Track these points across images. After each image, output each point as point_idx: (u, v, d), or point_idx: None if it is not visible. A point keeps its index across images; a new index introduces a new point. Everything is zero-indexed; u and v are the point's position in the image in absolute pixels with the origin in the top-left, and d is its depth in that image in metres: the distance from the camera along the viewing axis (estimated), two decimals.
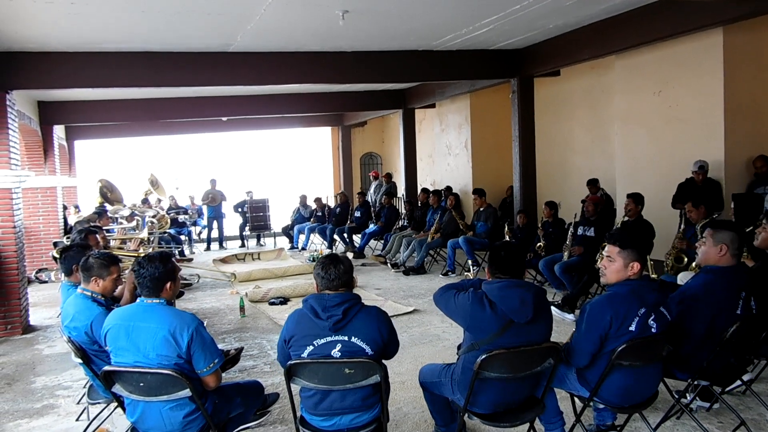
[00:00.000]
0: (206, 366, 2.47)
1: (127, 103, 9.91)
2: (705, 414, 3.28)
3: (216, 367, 2.50)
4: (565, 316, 5.41)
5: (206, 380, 2.50)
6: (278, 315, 5.95)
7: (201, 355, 2.45)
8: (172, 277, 2.57)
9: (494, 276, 2.60)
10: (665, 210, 6.46)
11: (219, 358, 2.53)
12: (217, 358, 2.51)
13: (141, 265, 2.54)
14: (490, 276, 2.63)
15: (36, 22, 4.99)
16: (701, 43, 6.38)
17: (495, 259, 2.62)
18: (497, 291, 2.49)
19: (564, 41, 6.69)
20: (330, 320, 2.37)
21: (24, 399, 4.02)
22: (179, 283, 2.73)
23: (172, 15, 5.06)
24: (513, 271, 2.57)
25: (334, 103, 11.08)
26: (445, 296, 2.67)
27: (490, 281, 2.59)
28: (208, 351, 2.48)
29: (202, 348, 2.45)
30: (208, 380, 2.51)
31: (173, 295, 2.64)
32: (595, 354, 2.62)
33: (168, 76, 6.55)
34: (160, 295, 2.53)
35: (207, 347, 2.47)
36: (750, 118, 6.41)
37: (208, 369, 2.47)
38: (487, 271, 2.66)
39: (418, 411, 3.46)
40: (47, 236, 8.52)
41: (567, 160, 9.45)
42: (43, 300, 7.22)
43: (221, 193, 12.01)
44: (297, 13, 5.27)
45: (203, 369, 2.47)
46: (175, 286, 2.62)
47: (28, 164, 8.66)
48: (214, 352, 2.51)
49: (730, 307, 2.87)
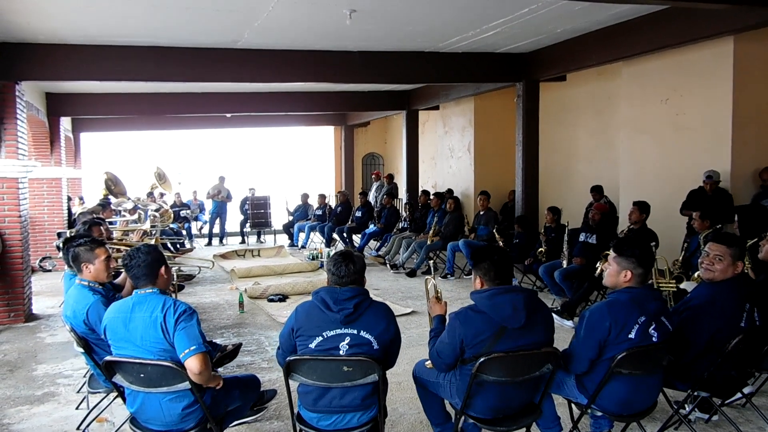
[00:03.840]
0: (184, 350, 2.35)
1: (134, 97, 9.95)
2: (704, 425, 3.27)
3: (194, 352, 2.35)
4: (564, 322, 5.41)
5: (188, 365, 2.35)
6: (277, 312, 5.96)
7: (182, 337, 2.36)
8: (163, 262, 2.60)
9: (486, 283, 2.53)
10: (670, 219, 6.44)
11: (198, 345, 2.38)
12: (195, 345, 2.36)
13: (131, 256, 2.55)
14: (482, 284, 2.55)
15: (47, 14, 5.02)
16: (711, 51, 6.36)
17: (483, 266, 2.53)
18: (487, 300, 2.45)
19: (571, 46, 6.68)
20: (341, 313, 2.40)
21: (25, 386, 4.05)
22: (171, 271, 2.75)
23: (181, 10, 5.08)
24: (502, 277, 2.51)
25: (338, 103, 11.10)
26: (432, 352, 2.62)
27: (477, 291, 2.54)
28: (189, 336, 2.37)
29: (185, 331, 2.38)
30: (190, 365, 2.35)
31: (168, 283, 2.63)
32: (594, 360, 2.61)
33: (175, 71, 6.58)
34: (155, 282, 2.54)
35: (189, 331, 2.38)
36: (759, 128, 6.39)
37: (186, 353, 2.35)
38: (479, 279, 2.57)
39: (414, 412, 3.47)
40: (51, 227, 8.57)
41: (570, 165, 9.44)
42: (46, 289, 7.25)
43: (228, 191, 12.04)
44: (304, 12, 5.28)
45: (182, 353, 2.35)
46: (168, 273, 2.63)
47: (34, 155, 8.70)
48: (195, 338, 2.39)
49: (734, 319, 2.85)
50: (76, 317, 3.01)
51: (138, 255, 2.54)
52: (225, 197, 11.97)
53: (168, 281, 2.64)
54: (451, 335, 2.49)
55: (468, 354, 2.47)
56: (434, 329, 2.82)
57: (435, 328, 2.82)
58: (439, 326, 2.81)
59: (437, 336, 2.71)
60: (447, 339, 2.52)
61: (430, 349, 2.69)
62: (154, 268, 2.54)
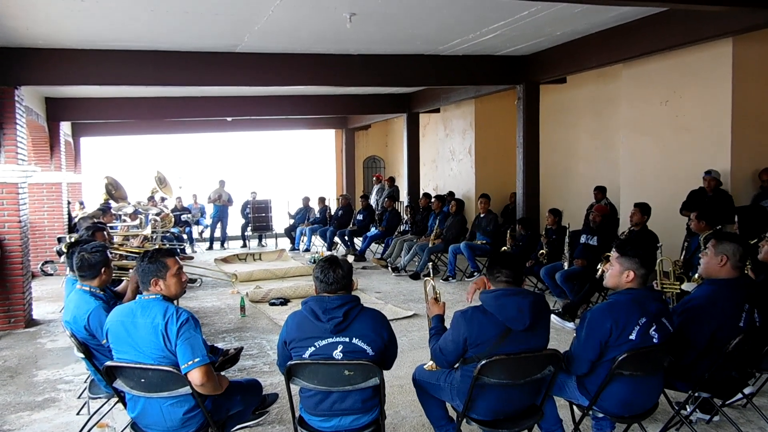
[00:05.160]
0: (187, 362, 2.35)
1: (134, 102, 9.96)
2: (705, 426, 3.27)
3: (197, 365, 2.35)
4: (565, 324, 5.40)
5: (191, 377, 2.35)
6: (278, 315, 5.96)
7: (185, 348, 2.36)
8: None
9: (495, 284, 2.59)
10: (670, 220, 6.44)
11: (202, 357, 2.37)
12: (199, 357, 2.36)
13: (142, 258, 2.61)
14: (490, 285, 2.62)
15: (46, 19, 5.03)
16: (710, 53, 6.37)
17: (494, 268, 2.60)
18: (493, 300, 2.48)
19: (571, 48, 6.70)
20: (331, 322, 2.38)
21: (26, 392, 4.04)
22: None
23: (181, 15, 5.09)
24: (513, 279, 2.56)
25: (339, 106, 11.11)
26: (435, 348, 2.63)
27: (486, 291, 2.58)
28: (193, 347, 2.37)
29: (188, 342, 2.37)
30: (193, 377, 2.35)
31: (173, 291, 2.59)
32: (595, 362, 2.61)
33: (175, 76, 6.59)
34: (158, 287, 2.52)
35: (192, 342, 2.38)
36: (758, 129, 6.39)
37: (188, 365, 2.34)
38: (486, 280, 2.65)
39: (416, 415, 3.46)
40: (51, 232, 8.57)
41: (571, 167, 9.44)
42: (47, 294, 7.25)
43: (229, 195, 12.05)
44: (304, 15, 5.29)
45: (184, 364, 2.35)
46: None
47: (34, 160, 8.71)
48: (198, 349, 2.38)
49: (733, 320, 2.85)
50: (76, 322, 3.01)
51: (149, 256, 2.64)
52: (226, 201, 11.98)
53: (174, 289, 2.59)
54: (455, 333, 2.50)
55: (471, 353, 2.47)
56: (434, 327, 2.83)
57: (434, 327, 2.83)
58: (439, 325, 2.83)
59: (438, 334, 2.72)
60: (450, 336, 2.53)
61: (432, 346, 2.69)
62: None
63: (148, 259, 2.56)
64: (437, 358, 2.63)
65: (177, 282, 2.59)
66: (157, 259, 2.55)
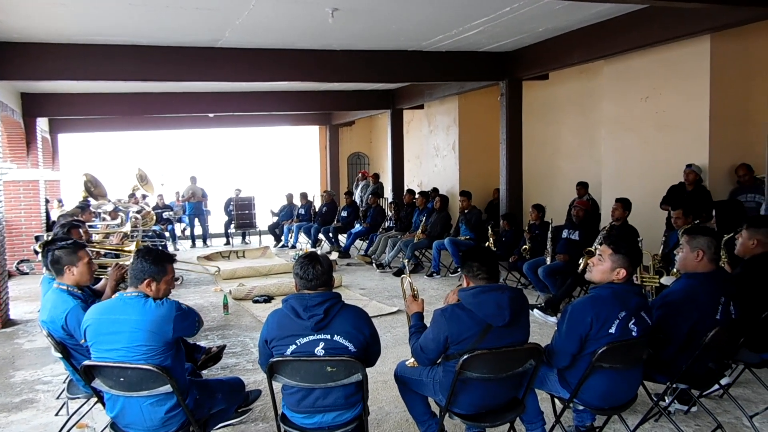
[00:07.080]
0: (194, 331, 2.64)
1: (113, 97, 9.79)
2: (683, 417, 3.33)
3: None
4: (548, 318, 5.45)
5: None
6: (262, 313, 5.92)
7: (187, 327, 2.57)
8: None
9: (473, 281, 2.58)
10: (651, 215, 6.53)
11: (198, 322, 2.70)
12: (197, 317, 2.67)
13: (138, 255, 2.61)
14: (470, 282, 2.60)
15: (21, 12, 4.91)
16: (689, 50, 6.46)
17: (469, 265, 2.58)
18: (471, 298, 2.48)
19: (553, 45, 6.74)
20: (312, 320, 2.36)
21: (3, 393, 3.97)
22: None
23: (161, 9, 5.01)
24: (489, 275, 2.55)
25: (323, 102, 11.05)
26: (415, 347, 2.64)
27: (464, 288, 2.58)
28: (190, 321, 2.58)
29: (184, 323, 2.53)
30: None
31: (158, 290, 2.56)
32: (576, 355, 2.64)
33: (155, 70, 6.48)
34: (150, 288, 2.51)
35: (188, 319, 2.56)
36: (735, 125, 6.50)
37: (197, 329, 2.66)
38: (466, 278, 2.63)
39: (399, 410, 3.47)
40: (29, 230, 8.40)
41: (554, 163, 9.52)
42: (24, 294, 7.10)
43: (202, 190, 11.92)
44: (286, 10, 5.25)
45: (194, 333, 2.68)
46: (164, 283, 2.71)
47: (10, 157, 8.51)
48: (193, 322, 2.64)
49: (711, 313, 2.89)
50: (53, 322, 2.95)
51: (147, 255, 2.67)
52: (201, 197, 11.84)
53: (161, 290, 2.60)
54: (435, 331, 2.50)
55: (452, 350, 2.47)
56: (414, 325, 2.83)
57: (414, 324, 2.83)
58: (418, 323, 2.82)
59: (418, 332, 2.72)
60: (431, 335, 2.53)
61: (413, 344, 2.69)
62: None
63: (152, 259, 2.54)
64: (418, 356, 2.63)
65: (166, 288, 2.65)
66: (161, 262, 2.55)
